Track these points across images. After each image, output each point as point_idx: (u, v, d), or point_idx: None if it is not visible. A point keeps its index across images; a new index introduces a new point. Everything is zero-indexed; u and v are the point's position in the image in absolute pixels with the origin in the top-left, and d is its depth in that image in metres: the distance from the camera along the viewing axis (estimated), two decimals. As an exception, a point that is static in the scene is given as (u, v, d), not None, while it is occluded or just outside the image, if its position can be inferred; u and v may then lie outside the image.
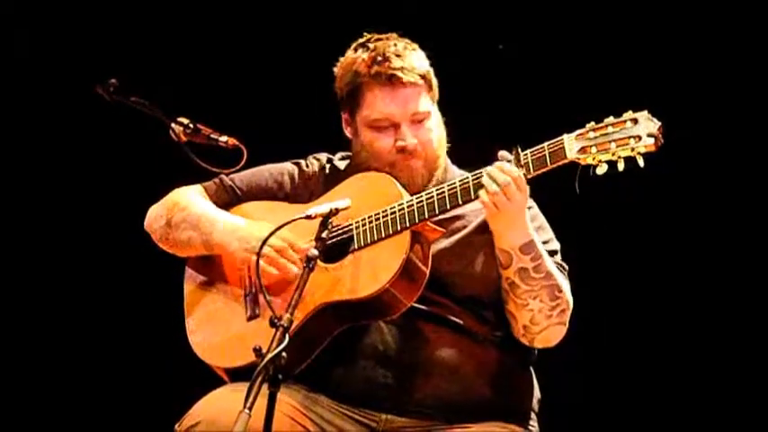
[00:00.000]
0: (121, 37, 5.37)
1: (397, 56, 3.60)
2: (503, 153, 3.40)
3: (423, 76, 3.61)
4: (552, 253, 3.59)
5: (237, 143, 3.83)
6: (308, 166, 3.79)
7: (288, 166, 3.80)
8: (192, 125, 3.86)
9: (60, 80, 5.33)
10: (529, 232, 3.46)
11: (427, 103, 3.63)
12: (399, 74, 3.58)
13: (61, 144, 5.46)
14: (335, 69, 3.71)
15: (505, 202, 3.36)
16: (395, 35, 3.68)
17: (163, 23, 5.41)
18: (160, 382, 5.26)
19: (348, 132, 3.74)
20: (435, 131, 3.64)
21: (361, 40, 3.69)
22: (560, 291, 3.50)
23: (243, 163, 3.80)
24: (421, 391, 3.47)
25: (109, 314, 5.48)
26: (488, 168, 3.39)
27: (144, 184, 4.04)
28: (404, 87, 3.59)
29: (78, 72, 5.09)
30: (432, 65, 3.67)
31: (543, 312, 3.49)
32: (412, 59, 3.61)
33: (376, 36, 3.68)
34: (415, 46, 3.67)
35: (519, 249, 3.44)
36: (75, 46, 5.37)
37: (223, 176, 3.80)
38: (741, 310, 5.08)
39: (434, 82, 3.66)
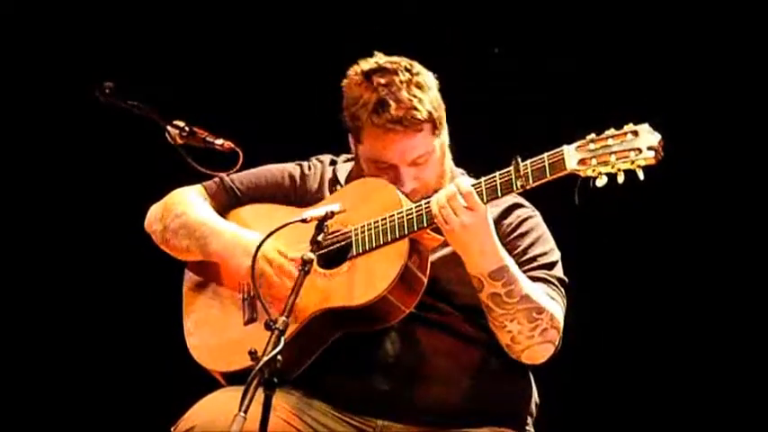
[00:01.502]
0: (118, 40, 5.37)
1: (399, 102, 3.46)
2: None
3: (427, 119, 3.48)
4: (551, 265, 3.56)
5: (233, 146, 3.81)
6: (310, 168, 3.77)
7: (290, 168, 3.78)
8: (187, 128, 3.84)
9: (58, 82, 5.32)
10: (500, 258, 3.36)
11: (429, 144, 3.51)
12: (398, 126, 3.45)
13: (61, 146, 5.45)
14: (343, 87, 3.57)
15: (450, 216, 3.31)
16: (405, 62, 3.52)
17: (160, 25, 5.40)
18: (157, 384, 5.25)
19: (352, 150, 3.66)
20: (436, 167, 3.54)
21: (366, 67, 3.53)
22: (540, 312, 3.42)
23: (239, 166, 3.79)
24: (418, 397, 3.46)
25: (107, 315, 5.47)
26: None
27: (144, 185, 4.03)
28: (404, 136, 3.47)
29: (75, 74, 5.08)
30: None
31: (523, 333, 3.42)
32: (416, 103, 3.47)
33: (384, 61, 3.52)
34: (424, 77, 3.52)
35: (489, 276, 3.36)
36: (73, 48, 5.36)
37: (224, 177, 3.78)
38: (740, 319, 5.09)
39: (442, 117, 3.53)
